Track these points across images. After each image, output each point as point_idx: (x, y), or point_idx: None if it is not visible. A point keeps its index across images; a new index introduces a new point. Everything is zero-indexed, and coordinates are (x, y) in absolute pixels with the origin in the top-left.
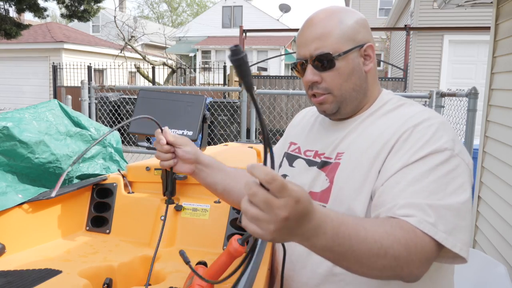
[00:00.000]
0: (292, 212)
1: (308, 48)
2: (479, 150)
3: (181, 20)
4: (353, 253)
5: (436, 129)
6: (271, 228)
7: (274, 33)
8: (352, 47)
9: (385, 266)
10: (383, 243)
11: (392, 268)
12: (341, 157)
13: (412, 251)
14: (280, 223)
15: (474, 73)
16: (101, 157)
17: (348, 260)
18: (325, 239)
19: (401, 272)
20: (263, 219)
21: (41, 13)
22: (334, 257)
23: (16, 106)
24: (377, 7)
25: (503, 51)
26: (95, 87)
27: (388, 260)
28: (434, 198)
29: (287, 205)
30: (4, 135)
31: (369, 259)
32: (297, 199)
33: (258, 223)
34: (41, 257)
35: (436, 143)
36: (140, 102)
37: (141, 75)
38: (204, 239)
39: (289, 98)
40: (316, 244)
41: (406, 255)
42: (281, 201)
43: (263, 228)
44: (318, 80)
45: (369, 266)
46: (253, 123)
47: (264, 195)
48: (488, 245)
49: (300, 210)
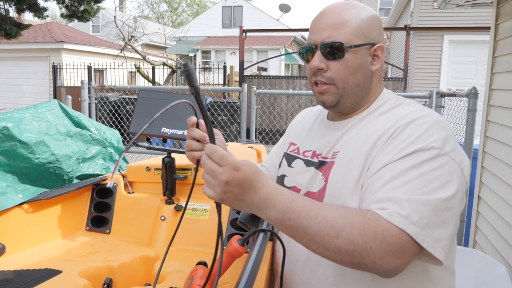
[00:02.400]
0: (230, 178)
1: (321, 34)
2: (479, 150)
3: (181, 20)
4: (304, 230)
5: (427, 127)
6: (218, 191)
7: (274, 33)
8: (364, 43)
9: (340, 249)
10: (334, 224)
11: (349, 253)
12: (336, 156)
13: (369, 238)
14: (223, 187)
15: (474, 73)
16: (101, 157)
17: (302, 237)
18: (275, 212)
19: (361, 260)
20: (211, 183)
21: (41, 13)
22: (289, 233)
23: (16, 106)
24: (377, 7)
25: (503, 51)
26: (95, 87)
27: (341, 242)
28: (413, 193)
29: (226, 171)
30: (4, 136)
31: (322, 238)
32: (235, 168)
33: (209, 186)
34: (41, 257)
35: (424, 141)
36: (140, 102)
37: (141, 75)
38: (204, 239)
39: (289, 98)
40: (269, 216)
41: (362, 242)
42: (222, 169)
43: (213, 190)
44: (324, 68)
45: (323, 246)
46: (253, 123)
47: (210, 164)
48: (488, 245)
49: (239, 177)
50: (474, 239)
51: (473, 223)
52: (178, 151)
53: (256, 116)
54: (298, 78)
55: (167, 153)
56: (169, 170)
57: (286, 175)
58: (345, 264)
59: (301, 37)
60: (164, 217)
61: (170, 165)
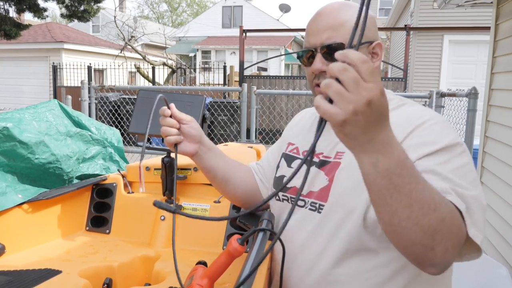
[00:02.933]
0: (375, 98)
1: (320, 36)
2: (479, 150)
3: (181, 20)
4: (408, 192)
5: (442, 126)
6: (350, 108)
7: (274, 33)
8: (363, 41)
9: (430, 225)
10: (435, 197)
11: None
12: (341, 156)
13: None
14: (361, 106)
15: (474, 73)
16: (101, 157)
17: (400, 200)
18: (389, 161)
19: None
20: (346, 96)
21: (41, 13)
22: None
23: (16, 106)
24: (377, 7)
25: (503, 51)
26: (95, 87)
27: (435, 217)
28: (458, 187)
29: (373, 89)
30: (4, 136)
31: (421, 208)
32: (382, 91)
33: (339, 99)
34: (41, 257)
35: (447, 138)
36: (140, 102)
37: (141, 75)
38: (204, 239)
39: (289, 98)
40: (380, 163)
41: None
42: (369, 84)
43: (343, 106)
44: (326, 70)
45: (417, 217)
46: (253, 123)
47: (354, 72)
48: (488, 245)
49: (382, 103)
50: None
51: None
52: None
53: (256, 116)
54: (298, 78)
55: (166, 153)
56: (168, 170)
57: (286, 175)
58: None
59: (301, 37)
60: (164, 217)
61: (169, 165)
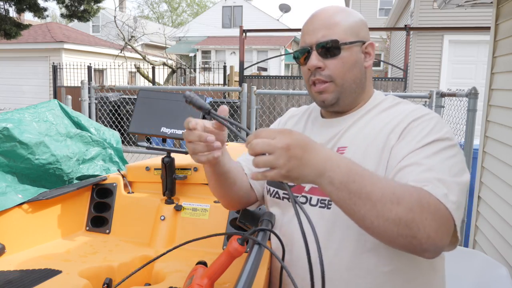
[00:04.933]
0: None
1: (315, 35)
2: (479, 150)
3: (181, 20)
4: (367, 195)
5: (436, 122)
6: (281, 162)
7: (274, 33)
8: (357, 40)
9: (400, 218)
10: (395, 191)
11: (408, 223)
12: (344, 151)
13: (425, 208)
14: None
15: (474, 73)
16: (100, 158)
17: (364, 204)
18: (340, 173)
19: (417, 233)
20: (271, 159)
21: (41, 13)
22: (350, 200)
23: (16, 106)
24: (377, 7)
25: (503, 51)
26: (95, 87)
27: (402, 210)
28: (443, 174)
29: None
30: (4, 136)
31: (384, 205)
32: (287, 132)
33: (270, 164)
34: (41, 257)
35: (439, 132)
36: (140, 102)
37: (141, 75)
38: (204, 238)
39: (289, 98)
40: (334, 178)
41: (419, 211)
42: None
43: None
44: (321, 66)
45: (384, 214)
46: (253, 123)
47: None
48: (488, 245)
49: (297, 137)
50: (474, 239)
51: (473, 223)
52: (178, 150)
53: (256, 116)
54: (298, 78)
55: (166, 153)
56: (168, 170)
57: None
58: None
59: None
60: (164, 217)
61: (169, 165)
